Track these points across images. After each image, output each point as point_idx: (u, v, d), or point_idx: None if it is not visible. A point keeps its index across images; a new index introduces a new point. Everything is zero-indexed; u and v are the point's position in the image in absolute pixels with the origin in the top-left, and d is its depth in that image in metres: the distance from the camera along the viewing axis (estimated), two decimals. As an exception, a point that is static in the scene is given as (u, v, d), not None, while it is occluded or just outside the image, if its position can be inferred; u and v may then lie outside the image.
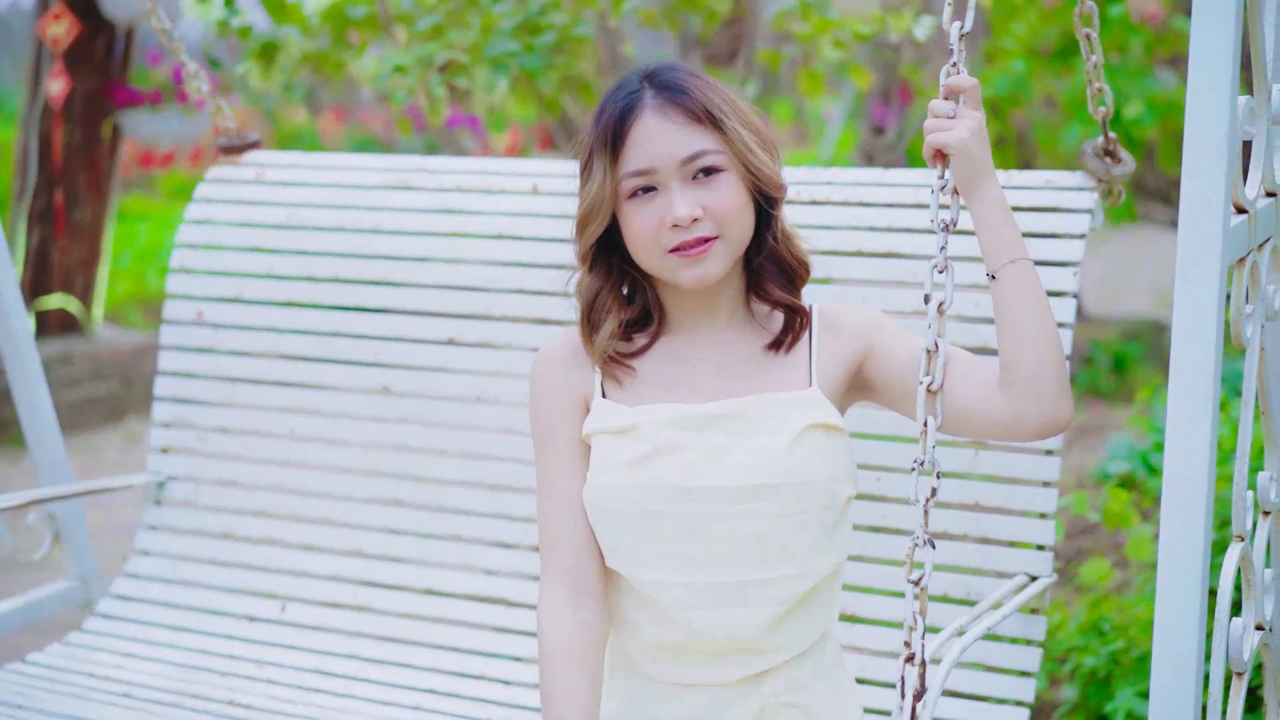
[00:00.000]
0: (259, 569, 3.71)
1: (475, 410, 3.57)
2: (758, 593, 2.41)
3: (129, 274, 9.83)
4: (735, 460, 2.40)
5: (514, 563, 3.50)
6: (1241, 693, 2.52)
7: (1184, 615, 2.20)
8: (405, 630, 3.53)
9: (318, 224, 3.78)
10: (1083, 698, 4.01)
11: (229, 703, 3.38)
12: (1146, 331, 9.02)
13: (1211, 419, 2.22)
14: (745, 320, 2.53)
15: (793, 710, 2.47)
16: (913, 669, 2.31)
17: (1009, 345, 2.37)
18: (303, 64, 5.02)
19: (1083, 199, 3.19)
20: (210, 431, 3.81)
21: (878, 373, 2.50)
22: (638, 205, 2.43)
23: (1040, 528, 3.11)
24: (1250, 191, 2.44)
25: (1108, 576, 4.16)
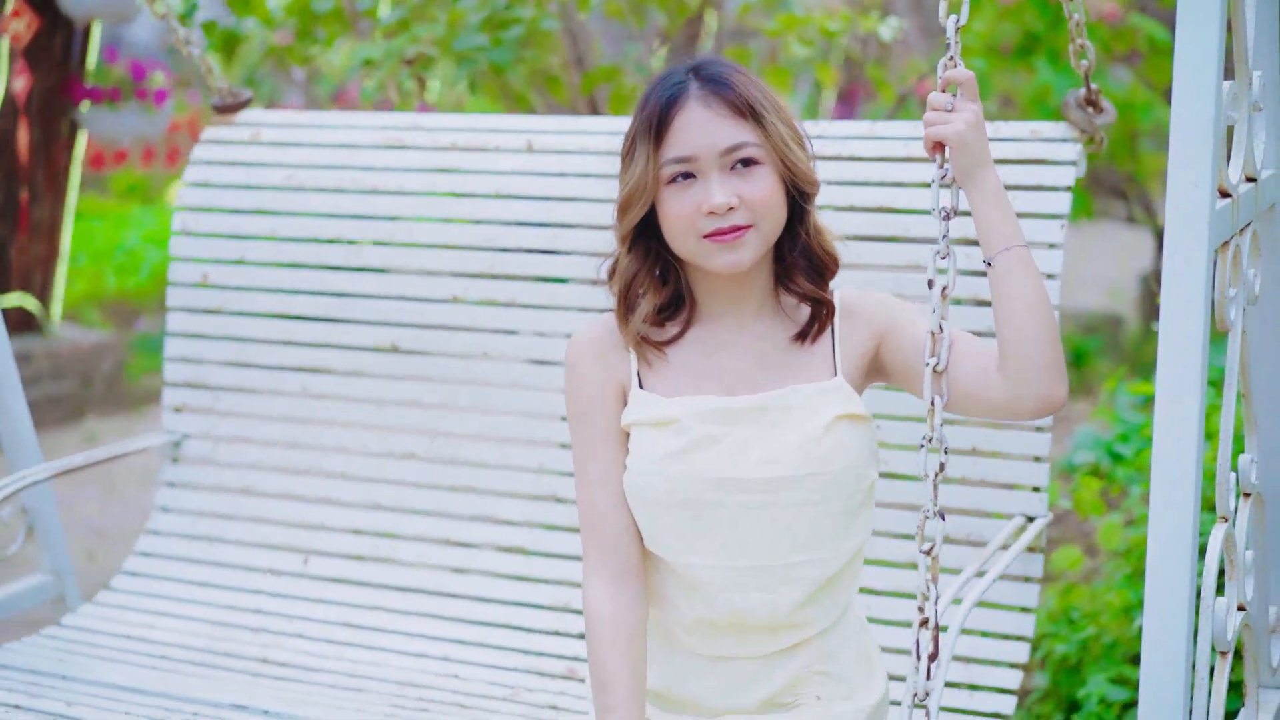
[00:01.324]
0: (280, 523, 3.84)
1: (482, 366, 3.68)
2: (790, 575, 2.56)
3: (85, 273, 9.80)
4: (767, 452, 2.54)
5: (528, 512, 3.64)
6: (1225, 672, 2.64)
7: (1173, 594, 2.32)
8: (427, 581, 3.67)
9: (317, 185, 3.86)
10: (1054, 685, 4.10)
11: (262, 660, 3.53)
12: (1104, 325, 9.15)
13: (1199, 400, 2.34)
14: (774, 311, 2.64)
15: (823, 677, 2.62)
16: (926, 632, 2.47)
17: (1005, 330, 2.49)
18: (267, 57, 5.05)
19: (1067, 150, 3.30)
20: (223, 390, 3.92)
21: (889, 356, 2.62)
22: (677, 191, 2.54)
23: (1035, 470, 3.26)
24: (1233, 176, 2.54)
25: (1079, 563, 4.26)
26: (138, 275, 9.94)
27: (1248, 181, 2.65)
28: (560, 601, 3.56)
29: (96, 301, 9.45)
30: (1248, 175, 2.65)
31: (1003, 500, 3.28)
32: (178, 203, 4.00)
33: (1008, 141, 3.32)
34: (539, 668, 3.46)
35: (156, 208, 11.58)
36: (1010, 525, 3.19)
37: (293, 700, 3.29)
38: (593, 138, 3.71)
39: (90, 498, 6.43)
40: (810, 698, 2.63)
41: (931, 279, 2.47)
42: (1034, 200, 3.25)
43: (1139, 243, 10.34)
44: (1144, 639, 2.37)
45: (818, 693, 2.63)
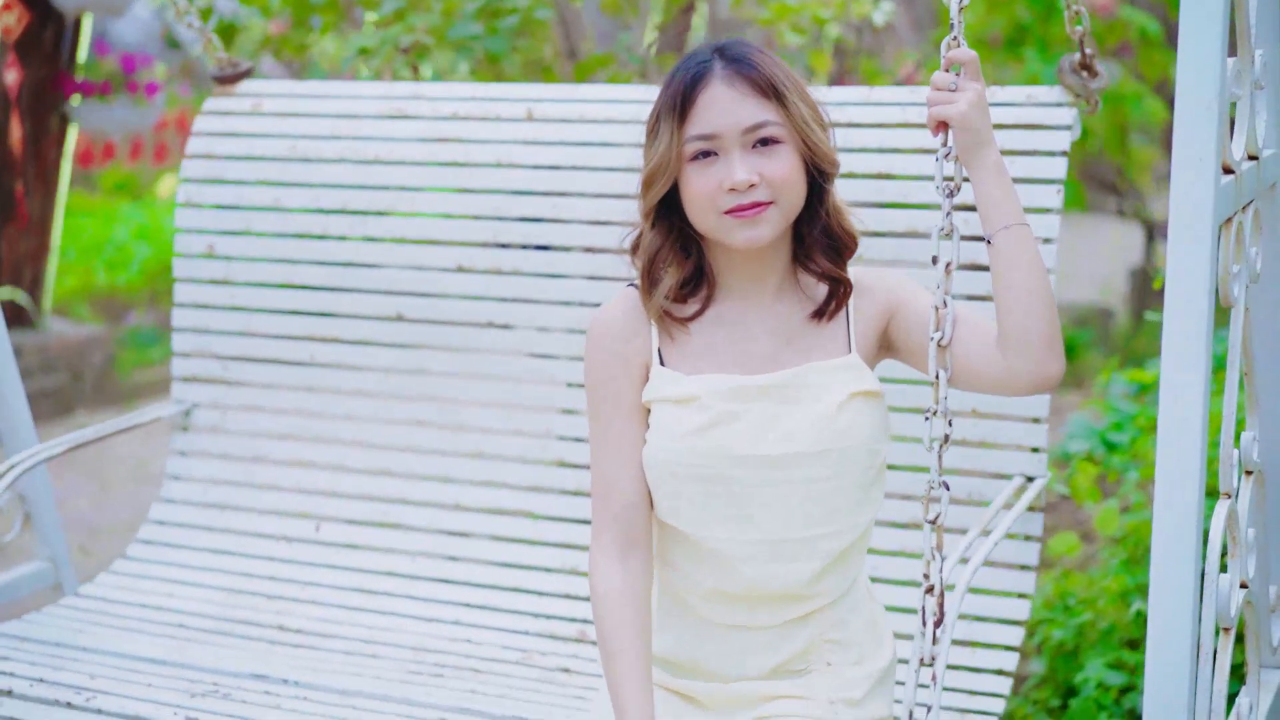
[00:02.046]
0: (291, 490, 3.90)
1: (488, 334, 3.73)
2: (806, 548, 2.63)
3: (75, 268, 9.78)
4: (785, 429, 2.60)
5: (536, 477, 3.70)
6: (1228, 649, 2.69)
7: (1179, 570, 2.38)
8: (438, 545, 3.74)
9: (320, 155, 3.90)
10: (1051, 670, 4.16)
11: (279, 627, 3.60)
12: (1095, 318, 9.19)
13: (1204, 374, 2.39)
14: (792, 289, 2.70)
15: (833, 645, 2.69)
16: (932, 598, 2.54)
17: (1003, 307, 2.54)
18: (264, 47, 5.05)
19: (1062, 115, 3.34)
20: (231, 360, 3.97)
21: (897, 332, 2.68)
22: (699, 168, 2.59)
23: (1034, 431, 3.32)
24: (1236, 153, 2.58)
25: (1075, 549, 4.31)
26: (128, 270, 9.96)
27: (1250, 160, 2.69)
28: (569, 564, 3.63)
29: (86, 296, 9.46)
30: (1250, 154, 2.68)
31: (1003, 460, 3.35)
32: (181, 174, 4.04)
33: (1003, 107, 3.36)
34: (550, 630, 3.54)
35: (145, 204, 11.56)
36: (1010, 486, 3.26)
37: (310, 668, 3.36)
38: (592, 105, 3.74)
39: (83, 494, 6.48)
40: (821, 664, 2.70)
41: (936, 255, 2.53)
42: (1030, 165, 3.30)
43: (1129, 237, 10.35)
44: (1150, 615, 2.42)
45: (828, 660, 2.70)
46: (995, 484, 3.33)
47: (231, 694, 3.21)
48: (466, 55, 4.49)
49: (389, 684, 3.28)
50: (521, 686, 3.31)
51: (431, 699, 3.21)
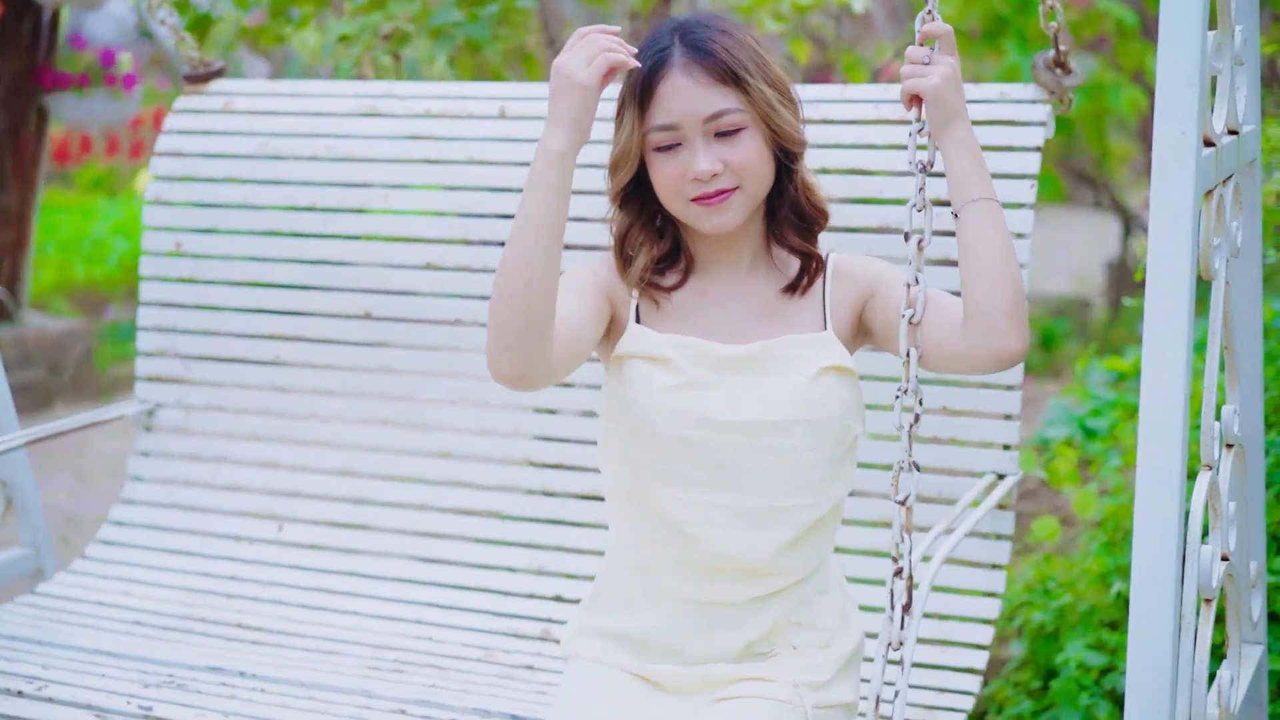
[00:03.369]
0: (254, 491, 3.84)
1: (456, 332, 3.69)
2: (773, 519, 2.59)
3: (53, 262, 9.76)
4: (759, 398, 2.58)
5: (503, 477, 3.65)
6: (1210, 618, 2.66)
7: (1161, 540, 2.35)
8: (401, 546, 3.68)
9: (291, 153, 3.87)
10: (1031, 653, 4.15)
11: (238, 625, 3.54)
12: (1072, 309, 9.27)
13: (1185, 344, 2.37)
14: (767, 265, 2.70)
15: (799, 628, 2.65)
16: (900, 582, 2.50)
17: (968, 280, 2.52)
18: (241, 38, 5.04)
19: (1036, 111, 3.33)
20: (196, 359, 3.92)
21: (872, 316, 2.67)
22: (664, 157, 2.59)
23: (1005, 428, 3.29)
24: (1217, 125, 2.58)
25: (1056, 534, 4.31)
26: (106, 264, 9.91)
27: (1230, 135, 2.69)
28: (535, 565, 3.58)
29: (65, 291, 9.41)
30: (1230, 128, 2.68)
31: (974, 458, 3.31)
32: (150, 171, 4.00)
33: (978, 103, 3.34)
34: (514, 629, 3.48)
35: (123, 199, 11.52)
36: (981, 483, 3.22)
37: (269, 663, 3.30)
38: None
39: (62, 485, 6.44)
40: (786, 647, 2.66)
41: (907, 232, 2.50)
42: (1004, 160, 3.28)
43: (1106, 229, 10.44)
44: (1133, 583, 2.39)
45: (793, 642, 2.66)
46: (967, 482, 3.29)
47: (187, 685, 3.15)
48: (447, 43, 4.46)
49: (348, 678, 3.22)
50: (483, 682, 3.25)
51: (391, 692, 3.15)
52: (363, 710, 3.05)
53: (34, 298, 8.68)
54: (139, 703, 3.02)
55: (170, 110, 4.06)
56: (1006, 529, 3.29)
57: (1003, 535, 3.29)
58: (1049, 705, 3.98)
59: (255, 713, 3.00)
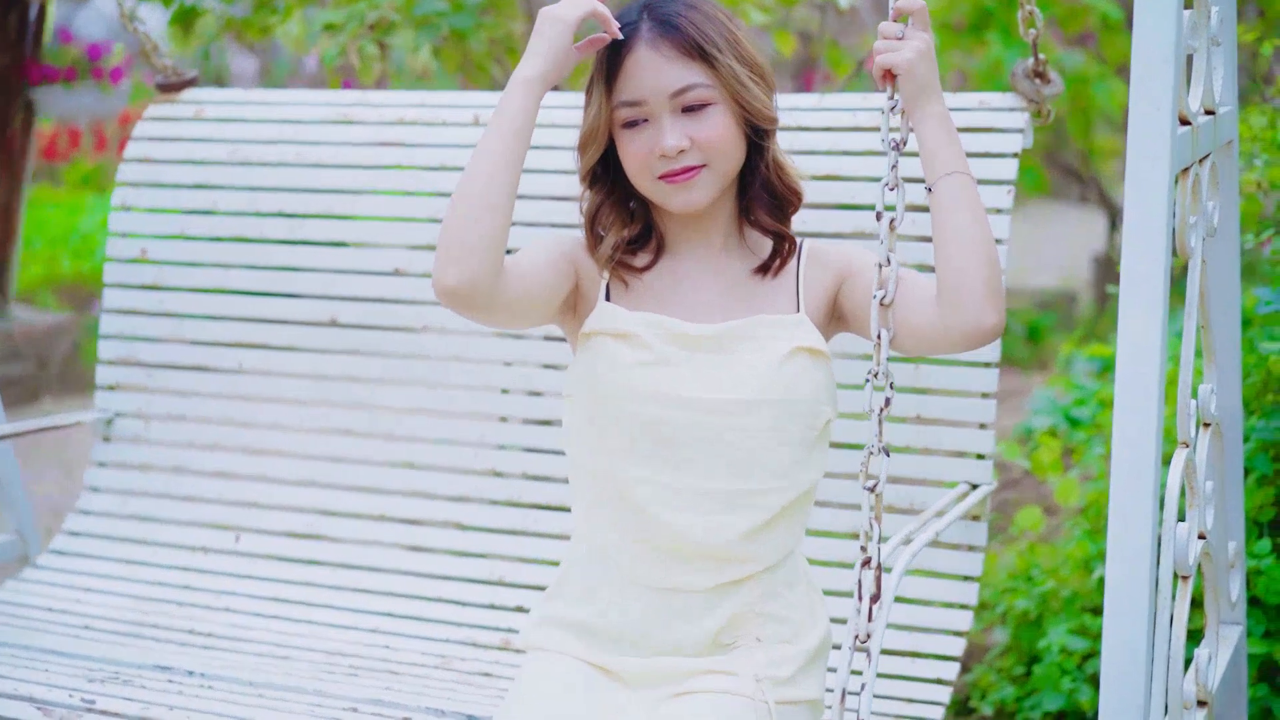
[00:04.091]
0: (211, 501, 3.76)
1: (422, 340, 3.63)
2: (740, 502, 2.52)
3: (40, 257, 9.71)
4: (726, 376, 2.52)
5: (465, 488, 3.58)
6: (1186, 597, 2.63)
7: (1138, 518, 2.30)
8: (359, 557, 3.60)
9: (261, 159, 3.82)
10: (1015, 639, 4.14)
11: (189, 631, 3.45)
12: (1059, 302, 9.32)
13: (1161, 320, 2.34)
14: (739, 245, 2.64)
15: (764, 619, 2.57)
16: (869, 572, 2.42)
17: (941, 254, 2.47)
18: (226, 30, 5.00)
19: (1014, 119, 3.31)
20: (157, 368, 3.85)
21: (846, 299, 2.62)
22: (631, 134, 2.54)
23: (980, 437, 3.23)
24: (1193, 104, 2.55)
25: (1039, 523, 4.29)
26: (93, 259, 9.82)
27: (1207, 115, 2.66)
28: (496, 575, 3.50)
29: (52, 285, 9.32)
30: (1206, 108, 2.66)
31: (948, 468, 3.24)
32: (118, 178, 3.94)
33: (957, 111, 3.29)
34: (472, 639, 3.40)
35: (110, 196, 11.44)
36: (954, 492, 3.15)
37: (218, 665, 3.21)
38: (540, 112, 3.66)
39: (50, 480, 6.38)
40: (750, 639, 2.57)
41: (879, 211, 2.45)
42: (982, 167, 3.24)
43: (1092, 223, 10.52)
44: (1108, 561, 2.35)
45: (758, 634, 2.57)
46: (939, 493, 3.22)
47: (132, 680, 3.06)
48: (431, 33, 4.43)
49: (300, 679, 3.13)
50: (439, 686, 3.16)
51: (344, 691, 3.06)
52: (314, 708, 2.96)
53: (21, 292, 8.62)
54: (82, 695, 2.93)
55: (141, 118, 4.01)
56: (980, 541, 3.22)
57: (975, 547, 3.22)
58: (1032, 690, 3.96)
59: (202, 706, 2.91)
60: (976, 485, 3.20)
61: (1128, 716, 2.31)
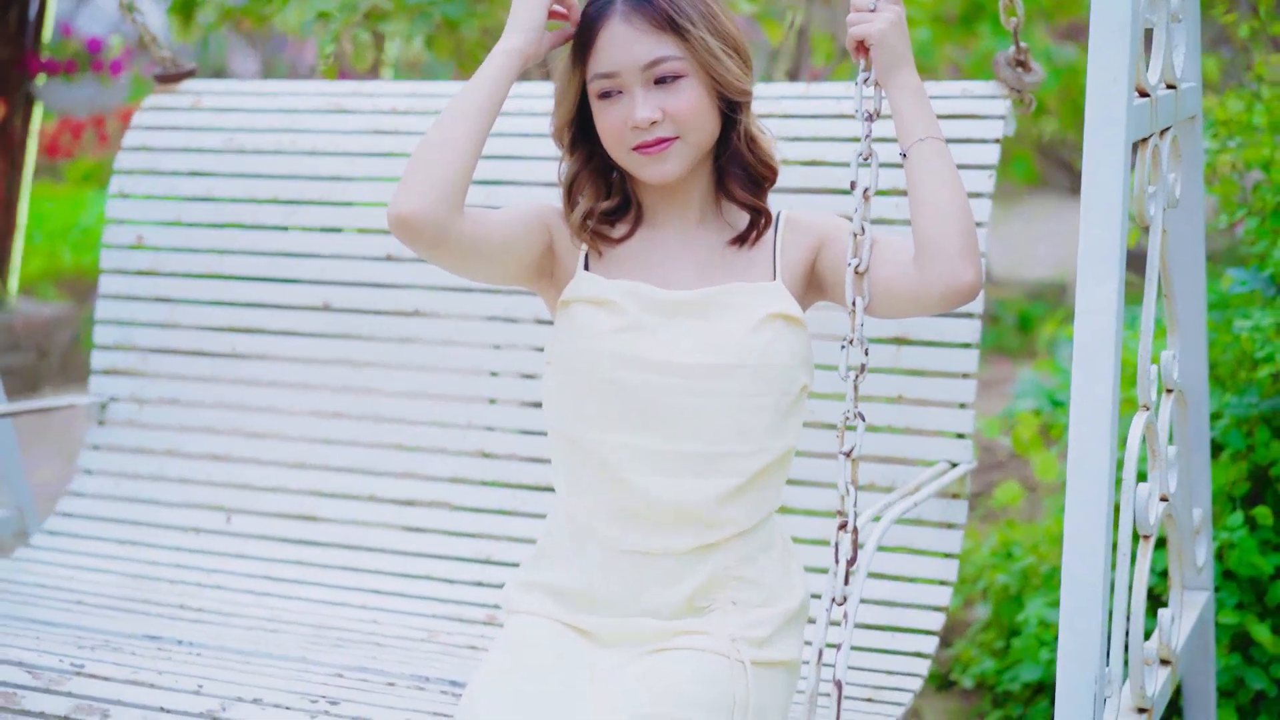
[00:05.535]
0: (204, 483, 3.80)
1: (413, 324, 3.68)
2: (715, 465, 2.57)
3: (41, 250, 9.78)
4: (700, 341, 2.57)
5: (454, 469, 3.62)
6: (1147, 555, 2.68)
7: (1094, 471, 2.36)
8: (349, 536, 3.64)
9: (256, 148, 3.88)
10: (996, 615, 4.21)
11: (180, 606, 3.49)
12: (1050, 293, 9.36)
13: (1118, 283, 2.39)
14: (715, 217, 2.70)
15: (740, 582, 2.61)
16: (846, 536, 2.47)
17: (916, 216, 2.54)
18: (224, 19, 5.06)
19: (996, 106, 3.36)
20: (152, 352, 3.90)
21: (823, 266, 2.67)
22: (606, 106, 2.61)
23: (960, 417, 3.27)
24: (1152, 77, 2.61)
25: (1018, 498, 4.36)
26: (93, 252, 9.87)
27: (1168, 89, 2.71)
28: (483, 554, 3.54)
29: (53, 278, 9.37)
30: (1168, 82, 2.71)
31: (929, 447, 3.29)
32: (115, 166, 4.00)
33: (941, 99, 3.37)
34: (459, 614, 3.44)
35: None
36: (933, 470, 3.20)
37: (207, 635, 3.25)
38: (530, 100, 3.74)
39: (49, 468, 6.39)
40: (726, 602, 2.61)
41: (854, 180, 2.52)
42: (965, 152, 3.29)
43: None
44: (1066, 518, 2.40)
45: (734, 598, 2.61)
46: (919, 471, 3.27)
47: (121, 648, 3.10)
48: (424, 21, 4.48)
49: (287, 649, 3.17)
50: (423, 656, 3.20)
51: (330, 659, 3.10)
52: (300, 673, 3.00)
53: (22, 284, 8.65)
54: (71, 661, 2.97)
55: (140, 108, 4.07)
56: (959, 518, 3.27)
57: (954, 524, 3.26)
58: (1011, 663, 4.02)
59: (190, 671, 2.95)
60: (956, 464, 3.25)
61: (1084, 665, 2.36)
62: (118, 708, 2.81)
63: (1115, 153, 2.40)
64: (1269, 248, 3.63)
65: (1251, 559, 3.51)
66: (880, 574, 3.25)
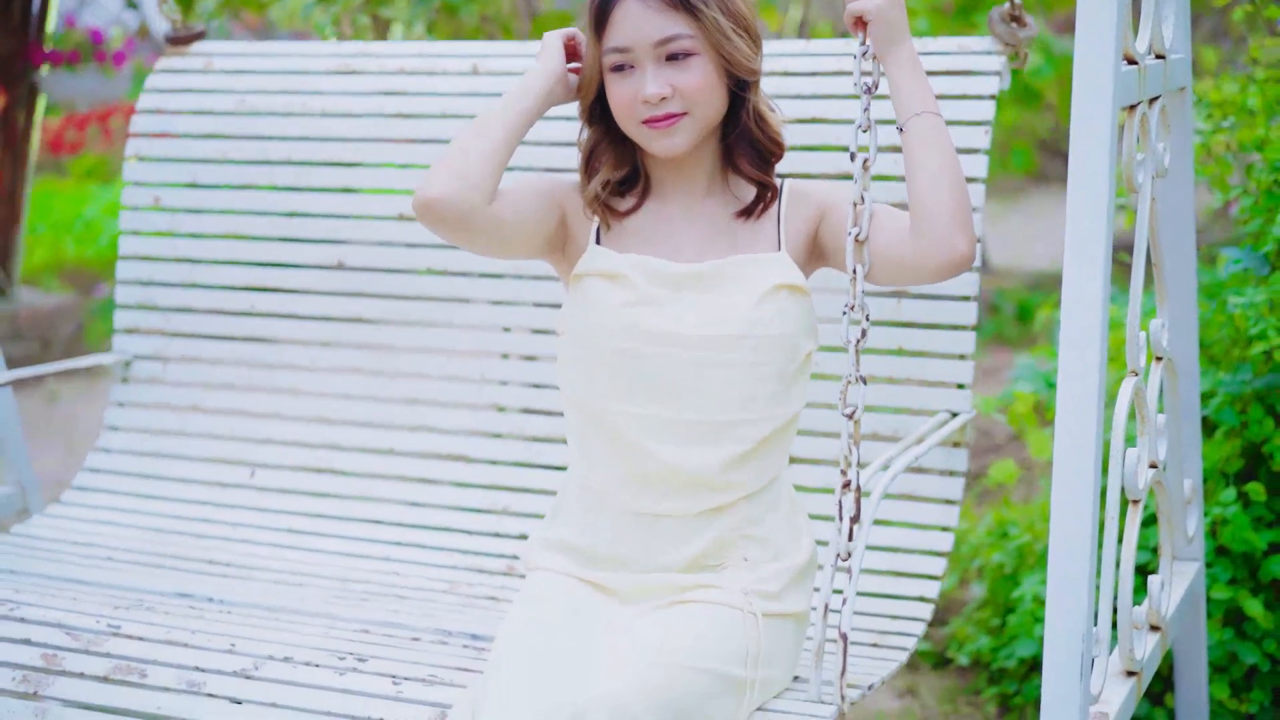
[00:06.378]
0: (227, 438, 3.91)
1: (426, 281, 3.78)
2: (721, 433, 2.68)
3: (44, 242, 9.83)
4: (707, 313, 2.68)
5: (469, 422, 3.73)
6: (1136, 521, 2.76)
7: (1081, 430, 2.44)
8: (369, 489, 3.76)
9: (269, 109, 3.96)
10: (991, 593, 4.30)
11: (208, 561, 3.61)
12: (1049, 283, 9.40)
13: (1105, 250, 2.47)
14: (722, 190, 2.79)
15: (749, 541, 2.72)
16: (849, 495, 2.59)
17: (912, 189, 2.64)
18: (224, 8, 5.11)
19: (991, 62, 3.43)
20: (173, 311, 4.00)
21: (825, 235, 2.76)
22: (618, 79, 2.70)
23: (960, 368, 3.37)
24: (1140, 46, 2.68)
25: (1014, 476, 4.42)
26: (97, 244, 9.95)
27: (1157, 58, 2.78)
28: (499, 505, 3.65)
29: (56, 269, 9.45)
30: (1157, 52, 2.77)
31: (929, 397, 3.39)
32: (130, 130, 4.09)
33: (936, 55, 3.44)
34: (478, 565, 3.55)
35: (115, 185, 11.57)
36: (935, 420, 3.30)
37: (236, 591, 3.37)
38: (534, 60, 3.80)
39: (51, 454, 6.50)
40: (737, 559, 2.72)
41: (853, 152, 2.61)
42: (960, 108, 3.37)
43: None
44: (1054, 481, 2.47)
45: (745, 555, 2.72)
46: (921, 421, 3.37)
47: (155, 607, 3.21)
48: (424, 6, 4.54)
49: (313, 604, 3.29)
50: (445, 609, 3.32)
51: (355, 614, 3.22)
52: (327, 629, 3.11)
53: (26, 275, 8.73)
54: (108, 621, 3.07)
55: (153, 70, 4.15)
56: (960, 466, 3.37)
57: (956, 472, 3.37)
58: (1007, 641, 4.10)
59: (222, 630, 3.06)
60: (956, 413, 3.35)
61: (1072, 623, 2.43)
62: (154, 667, 2.91)
63: (1103, 117, 2.46)
64: (1264, 225, 3.70)
65: (1244, 535, 3.58)
66: (884, 520, 3.36)
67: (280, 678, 2.83)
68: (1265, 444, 3.67)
